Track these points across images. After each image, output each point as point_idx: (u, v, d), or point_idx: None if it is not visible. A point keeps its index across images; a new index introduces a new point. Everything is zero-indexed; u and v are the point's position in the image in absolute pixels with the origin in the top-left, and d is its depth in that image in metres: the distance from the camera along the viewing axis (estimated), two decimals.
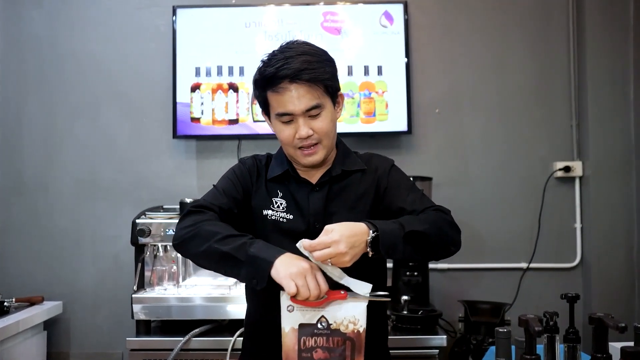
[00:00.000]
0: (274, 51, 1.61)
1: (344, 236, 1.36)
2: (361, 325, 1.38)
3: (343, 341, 1.37)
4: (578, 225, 3.19)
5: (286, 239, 1.59)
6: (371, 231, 1.41)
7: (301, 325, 1.37)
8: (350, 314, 1.37)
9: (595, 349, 1.18)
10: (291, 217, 1.64)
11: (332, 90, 1.62)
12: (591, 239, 3.14)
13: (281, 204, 1.65)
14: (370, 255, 1.41)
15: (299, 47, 1.59)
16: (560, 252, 3.20)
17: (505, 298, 3.06)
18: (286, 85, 1.54)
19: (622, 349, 1.17)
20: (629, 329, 1.29)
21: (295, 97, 1.54)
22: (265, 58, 1.60)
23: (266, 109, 1.64)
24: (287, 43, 1.62)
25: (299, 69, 1.53)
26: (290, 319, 1.38)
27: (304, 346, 1.36)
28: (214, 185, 1.72)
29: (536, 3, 3.24)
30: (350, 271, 1.41)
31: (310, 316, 1.35)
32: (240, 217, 1.66)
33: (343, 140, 1.77)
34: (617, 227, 3.11)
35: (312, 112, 1.56)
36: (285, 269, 1.37)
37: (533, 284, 3.17)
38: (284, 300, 1.39)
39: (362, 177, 1.70)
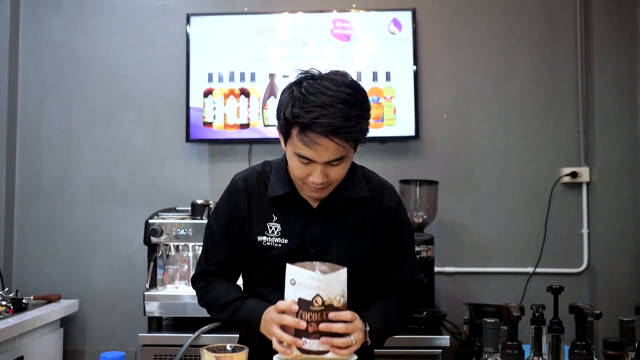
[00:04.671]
0: (308, 88, 1.47)
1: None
2: (345, 294, 1.45)
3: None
4: (585, 230, 3.21)
5: (280, 264, 1.61)
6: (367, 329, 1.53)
7: (300, 300, 1.41)
8: (340, 288, 1.43)
9: (576, 337, 1.23)
10: (286, 241, 1.64)
11: (359, 142, 1.55)
12: (598, 244, 3.15)
13: (276, 228, 1.65)
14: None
15: (339, 91, 1.45)
16: (566, 257, 3.22)
17: (511, 302, 3.06)
18: (317, 138, 1.44)
19: (604, 340, 1.21)
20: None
21: (322, 150, 1.46)
22: (298, 91, 1.48)
23: (285, 137, 1.54)
24: (326, 78, 1.49)
25: (336, 127, 1.42)
26: (292, 292, 1.42)
27: (301, 319, 1.41)
28: (208, 223, 1.76)
29: (543, 10, 3.29)
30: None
31: (307, 293, 1.40)
32: (240, 245, 1.71)
33: None
34: (624, 233, 3.12)
35: (333, 163, 1.50)
36: (265, 330, 1.53)
37: (539, 288, 3.19)
38: (288, 273, 1.43)
39: (364, 203, 1.67)
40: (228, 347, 1.27)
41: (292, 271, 1.42)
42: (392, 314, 1.63)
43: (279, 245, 1.64)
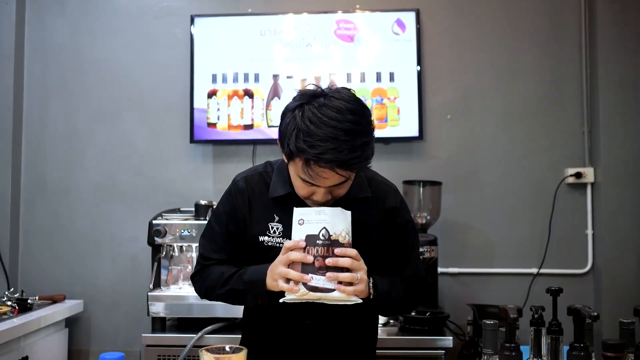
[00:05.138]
0: (312, 117, 1.44)
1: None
2: (350, 234, 1.48)
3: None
4: (589, 231, 3.19)
5: None
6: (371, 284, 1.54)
7: (307, 236, 1.44)
8: (346, 225, 1.46)
9: (574, 339, 1.23)
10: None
11: None
12: (602, 245, 3.14)
13: (277, 228, 1.65)
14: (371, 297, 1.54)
15: (343, 120, 1.43)
16: (571, 258, 3.21)
17: (515, 303, 3.01)
18: (323, 172, 1.45)
19: (603, 342, 1.21)
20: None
21: (327, 178, 1.47)
22: (301, 120, 1.44)
23: (288, 159, 1.52)
24: (328, 105, 1.45)
25: (342, 161, 1.42)
26: (300, 232, 1.46)
27: (307, 254, 1.44)
28: (209, 222, 1.76)
29: (547, 10, 3.27)
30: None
31: (314, 228, 1.44)
32: (240, 245, 1.71)
33: None
34: (629, 234, 3.10)
35: (337, 185, 1.51)
36: (271, 280, 1.52)
37: (543, 289, 3.15)
38: (296, 215, 1.48)
39: (366, 203, 1.67)
40: (227, 348, 1.27)
41: (300, 212, 1.48)
42: (396, 281, 1.64)
43: (281, 245, 1.62)
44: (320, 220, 1.44)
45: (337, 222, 1.45)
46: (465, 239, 3.24)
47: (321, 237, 1.43)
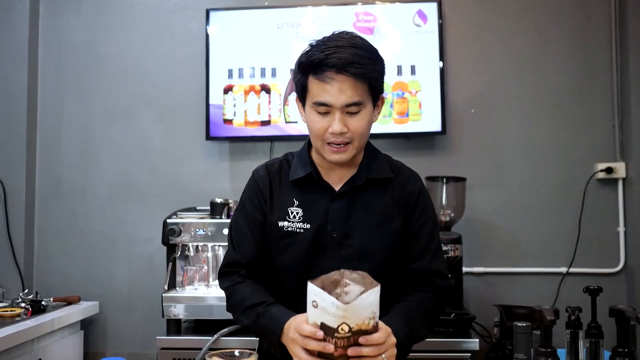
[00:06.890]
0: (324, 37, 1.55)
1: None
2: (377, 313, 1.29)
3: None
4: (621, 229, 3.07)
5: (303, 249, 1.61)
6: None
7: (323, 325, 1.26)
8: (370, 310, 1.26)
9: (617, 343, 1.11)
10: (308, 226, 1.61)
11: (376, 91, 1.57)
12: (635, 243, 3.01)
13: (297, 213, 1.63)
14: None
15: (352, 39, 1.54)
16: (602, 256, 3.09)
17: (544, 303, 2.91)
18: (332, 75, 1.49)
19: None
20: None
21: (337, 90, 1.49)
22: (314, 42, 1.56)
23: (303, 95, 1.58)
24: (340, 32, 1.57)
25: (348, 60, 1.48)
26: (314, 314, 1.28)
27: (327, 343, 1.28)
28: (233, 216, 1.73)
29: None
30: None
31: (331, 320, 1.24)
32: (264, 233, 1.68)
33: (371, 142, 1.71)
34: None
35: (351, 109, 1.52)
36: (287, 344, 1.43)
37: (573, 289, 3.06)
38: (310, 293, 1.27)
39: (388, 187, 1.65)
40: (236, 353, 1.19)
41: (314, 292, 1.25)
42: (414, 316, 1.53)
43: (301, 230, 1.61)
44: (339, 316, 1.23)
45: (359, 313, 1.25)
46: (490, 237, 3.12)
47: (340, 331, 1.24)
